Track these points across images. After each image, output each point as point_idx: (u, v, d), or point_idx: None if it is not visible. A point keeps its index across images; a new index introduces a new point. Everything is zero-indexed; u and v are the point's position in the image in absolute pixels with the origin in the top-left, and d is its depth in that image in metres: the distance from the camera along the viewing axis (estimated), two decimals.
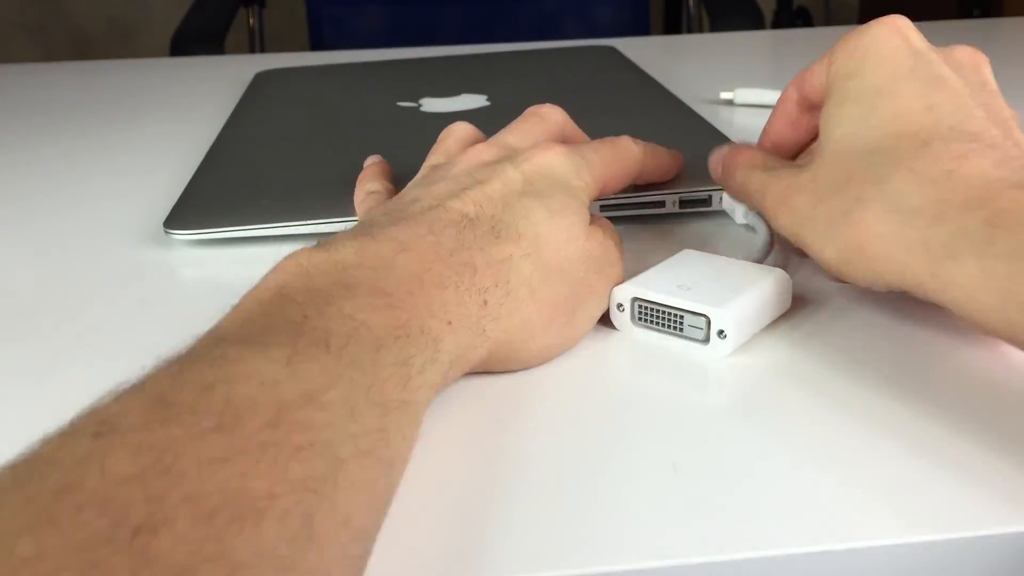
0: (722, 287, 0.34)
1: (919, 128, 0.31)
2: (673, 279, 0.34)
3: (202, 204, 0.46)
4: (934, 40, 0.34)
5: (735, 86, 0.65)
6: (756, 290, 0.34)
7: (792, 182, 0.34)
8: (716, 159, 0.40)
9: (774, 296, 0.35)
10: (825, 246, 0.32)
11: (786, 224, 0.34)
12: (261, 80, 0.71)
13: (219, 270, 0.42)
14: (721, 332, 0.32)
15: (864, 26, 0.34)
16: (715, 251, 0.37)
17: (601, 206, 0.44)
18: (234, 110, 0.63)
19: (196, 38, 1.22)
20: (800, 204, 0.33)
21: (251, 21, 1.45)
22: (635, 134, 0.52)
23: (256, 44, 1.46)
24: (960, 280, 0.28)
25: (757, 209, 0.38)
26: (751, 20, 1.22)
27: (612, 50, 0.74)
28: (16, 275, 0.43)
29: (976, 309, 0.28)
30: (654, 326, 0.34)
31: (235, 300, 0.28)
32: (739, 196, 0.39)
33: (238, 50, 1.15)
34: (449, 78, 0.66)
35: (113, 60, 0.89)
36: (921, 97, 0.32)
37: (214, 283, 0.41)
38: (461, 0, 1.45)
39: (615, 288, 0.35)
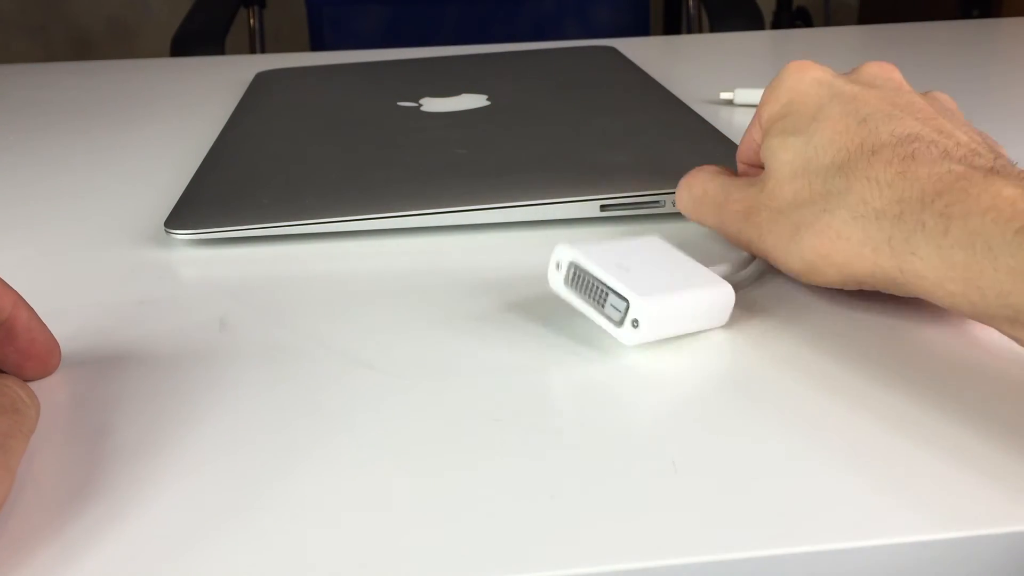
0: (659, 279, 0.33)
1: (862, 140, 0.34)
2: (618, 257, 0.34)
3: (202, 204, 0.46)
4: (935, 40, 0.34)
5: (735, 86, 0.65)
6: (690, 294, 0.34)
7: (753, 200, 0.37)
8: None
9: (709, 306, 0.34)
10: (790, 257, 0.34)
11: (751, 237, 0.36)
12: (261, 80, 0.71)
13: (219, 270, 0.42)
14: (635, 321, 0.32)
15: (778, 75, 0.38)
16: (711, 251, 0.37)
17: (601, 205, 0.44)
18: (234, 110, 0.63)
19: (196, 38, 1.22)
20: (763, 220, 0.36)
21: (251, 21, 1.45)
22: (635, 134, 0.52)
23: (256, 44, 1.47)
24: (925, 272, 0.30)
25: (714, 223, 0.39)
26: (751, 20, 1.22)
27: (612, 50, 0.74)
28: (16, 275, 0.43)
29: (943, 296, 0.30)
30: (581, 293, 0.34)
31: (235, 300, 0.28)
32: (698, 209, 0.40)
33: (238, 50, 1.15)
34: (449, 78, 0.66)
35: (113, 60, 0.89)
36: (851, 114, 0.35)
37: (214, 283, 0.41)
38: (461, 0, 1.45)
39: (558, 246, 0.35)
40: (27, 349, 0.32)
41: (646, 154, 0.49)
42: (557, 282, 0.35)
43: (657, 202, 0.44)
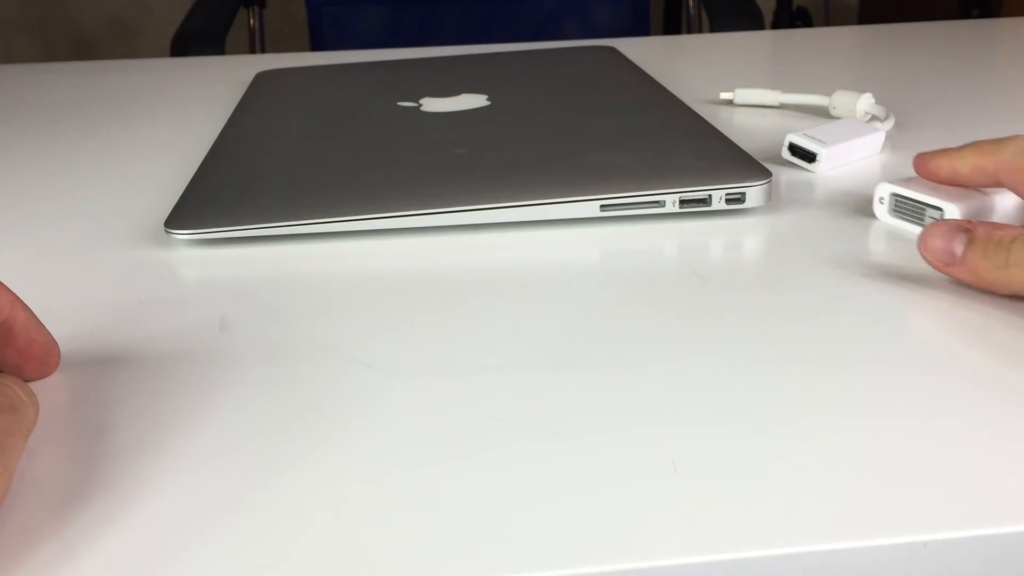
0: (968, 191, 0.40)
1: None
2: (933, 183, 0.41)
3: (202, 204, 0.46)
4: (935, 40, 0.34)
5: (735, 86, 0.65)
6: (999, 196, 0.40)
7: None
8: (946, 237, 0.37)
9: (1018, 209, 0.41)
10: None
11: None
12: (261, 80, 0.71)
13: (219, 270, 0.42)
14: None
15: None
16: (714, 251, 0.37)
17: (601, 205, 0.44)
18: (234, 110, 0.63)
19: (196, 38, 1.22)
20: None
21: (251, 21, 1.45)
22: (635, 134, 0.52)
23: (256, 44, 1.47)
24: None
25: None
26: (751, 20, 1.23)
27: (612, 50, 0.74)
28: (16, 275, 0.43)
29: None
30: (904, 216, 0.42)
31: (235, 300, 0.28)
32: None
33: (238, 50, 1.15)
34: (449, 78, 0.67)
35: (113, 60, 0.89)
36: None
37: (214, 283, 0.41)
38: (461, 0, 1.45)
39: (879, 184, 0.43)
40: (26, 350, 0.32)
41: (646, 154, 0.49)
42: (883, 213, 0.43)
43: (657, 202, 0.44)
